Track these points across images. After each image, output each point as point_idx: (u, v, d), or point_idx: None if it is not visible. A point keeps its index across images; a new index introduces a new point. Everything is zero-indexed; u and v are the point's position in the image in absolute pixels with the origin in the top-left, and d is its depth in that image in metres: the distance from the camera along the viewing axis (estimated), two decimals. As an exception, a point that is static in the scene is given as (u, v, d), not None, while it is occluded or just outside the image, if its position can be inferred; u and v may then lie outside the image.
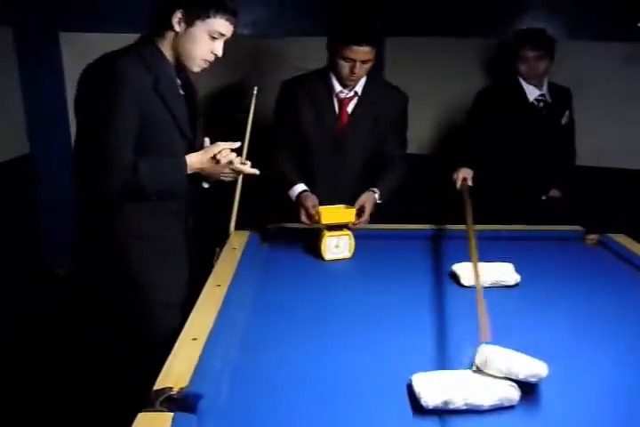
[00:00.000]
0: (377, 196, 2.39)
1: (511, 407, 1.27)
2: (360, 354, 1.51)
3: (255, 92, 2.13)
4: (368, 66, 2.31)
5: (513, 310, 1.79)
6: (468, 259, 2.05)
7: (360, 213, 2.30)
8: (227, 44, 1.83)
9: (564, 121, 2.97)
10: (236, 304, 1.71)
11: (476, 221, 2.39)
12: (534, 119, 2.90)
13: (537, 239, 2.40)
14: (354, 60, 2.26)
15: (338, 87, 2.40)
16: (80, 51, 3.53)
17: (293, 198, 2.39)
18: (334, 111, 2.44)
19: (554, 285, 1.97)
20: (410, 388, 1.31)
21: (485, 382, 1.29)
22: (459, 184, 2.72)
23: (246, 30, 3.44)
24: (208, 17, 1.71)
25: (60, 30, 3.42)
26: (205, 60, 1.81)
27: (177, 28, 1.72)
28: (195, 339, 1.45)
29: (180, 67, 1.84)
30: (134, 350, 1.90)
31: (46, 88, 3.47)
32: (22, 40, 3.35)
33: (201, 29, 1.72)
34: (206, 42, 1.75)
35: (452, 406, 1.23)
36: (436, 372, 1.34)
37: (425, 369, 1.37)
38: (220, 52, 1.80)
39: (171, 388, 1.25)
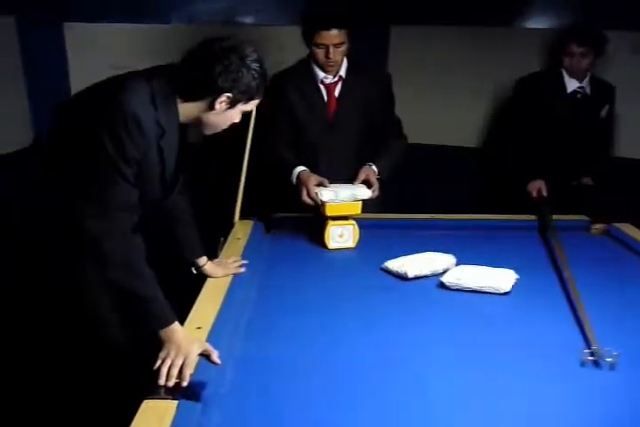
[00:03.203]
0: (374, 168, 2.39)
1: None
2: (363, 342, 1.52)
3: None
4: (342, 49, 2.35)
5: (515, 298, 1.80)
6: (470, 248, 2.06)
7: (368, 186, 2.31)
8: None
9: (603, 114, 3.00)
10: (240, 293, 1.71)
11: (489, 211, 2.37)
12: (571, 110, 2.93)
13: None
14: (326, 46, 2.31)
15: (321, 74, 2.44)
16: (84, 41, 3.53)
17: (294, 181, 2.38)
18: (323, 98, 2.48)
19: (558, 274, 1.96)
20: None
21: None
22: (535, 194, 2.76)
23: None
24: (251, 100, 1.61)
25: (63, 20, 3.40)
26: None
27: (216, 108, 1.56)
28: (199, 328, 1.46)
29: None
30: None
31: (50, 78, 3.45)
32: (25, 30, 3.33)
33: (239, 110, 1.62)
34: (236, 118, 1.64)
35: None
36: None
37: (427, 360, 1.39)
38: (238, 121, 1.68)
39: (175, 376, 1.25)
